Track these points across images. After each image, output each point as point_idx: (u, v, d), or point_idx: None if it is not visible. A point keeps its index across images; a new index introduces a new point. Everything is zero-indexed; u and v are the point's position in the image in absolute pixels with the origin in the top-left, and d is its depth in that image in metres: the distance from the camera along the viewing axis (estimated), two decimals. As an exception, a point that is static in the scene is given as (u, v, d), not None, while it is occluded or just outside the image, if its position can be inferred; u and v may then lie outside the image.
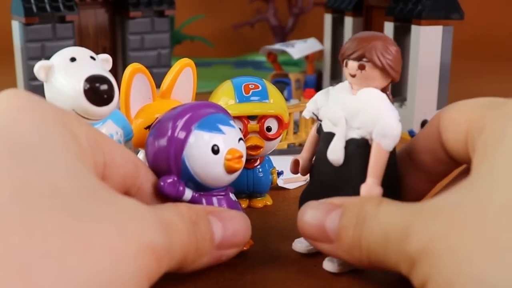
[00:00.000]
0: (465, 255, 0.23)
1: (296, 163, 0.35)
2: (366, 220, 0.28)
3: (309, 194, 0.34)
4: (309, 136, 0.35)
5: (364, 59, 0.31)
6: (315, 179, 0.34)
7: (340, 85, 0.33)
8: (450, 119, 0.31)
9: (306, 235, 0.31)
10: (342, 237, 0.29)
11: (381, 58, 0.31)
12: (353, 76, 0.32)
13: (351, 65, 0.32)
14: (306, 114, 0.35)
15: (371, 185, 0.30)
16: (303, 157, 0.35)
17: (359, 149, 0.31)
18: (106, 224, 0.22)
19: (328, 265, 0.33)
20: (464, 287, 0.22)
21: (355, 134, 0.31)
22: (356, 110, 0.31)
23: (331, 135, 0.32)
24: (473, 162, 0.27)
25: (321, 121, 0.34)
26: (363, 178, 0.31)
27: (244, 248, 0.34)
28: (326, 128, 0.33)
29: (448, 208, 0.25)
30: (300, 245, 0.35)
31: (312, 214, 0.30)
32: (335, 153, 0.32)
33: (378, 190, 0.30)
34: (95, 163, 0.27)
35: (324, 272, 0.33)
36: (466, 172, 0.29)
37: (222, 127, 0.32)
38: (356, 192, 0.31)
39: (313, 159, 0.35)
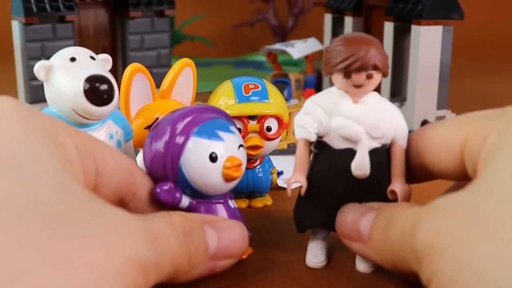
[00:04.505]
0: (467, 250, 0.23)
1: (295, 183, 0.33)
2: (392, 221, 0.28)
3: (315, 207, 0.33)
4: (302, 155, 0.32)
5: (370, 69, 0.30)
6: (320, 194, 0.33)
7: (332, 95, 0.32)
8: (437, 141, 0.31)
9: (341, 234, 0.32)
10: (373, 237, 0.30)
11: (384, 62, 0.31)
12: (360, 86, 0.31)
13: (358, 77, 0.30)
14: (309, 136, 0.32)
15: (403, 184, 0.32)
16: (302, 177, 0.32)
17: (382, 156, 0.32)
18: (89, 239, 0.21)
19: (362, 266, 0.33)
20: (467, 282, 0.22)
21: (377, 144, 0.31)
22: (375, 121, 0.31)
23: (346, 151, 0.31)
24: (477, 170, 0.27)
25: (321, 137, 0.32)
26: (389, 182, 0.32)
27: (243, 256, 0.34)
28: (337, 145, 0.31)
29: (451, 205, 0.25)
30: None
31: (350, 215, 0.31)
32: (363, 168, 0.31)
33: (409, 188, 0.32)
34: (85, 173, 0.26)
35: (324, 273, 0.33)
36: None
37: (221, 133, 0.31)
38: (382, 195, 0.32)
39: (312, 176, 0.33)
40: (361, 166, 0.31)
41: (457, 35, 0.66)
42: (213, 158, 0.30)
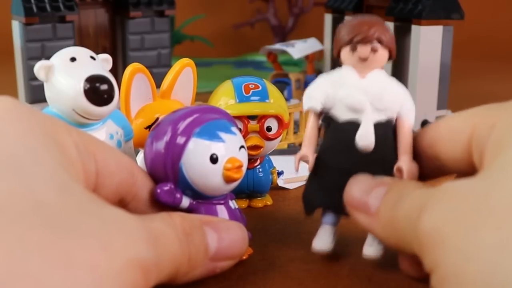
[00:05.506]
0: (474, 241, 0.22)
1: (304, 159, 0.33)
2: (401, 200, 0.28)
3: (323, 186, 0.33)
4: (310, 129, 0.34)
5: (375, 42, 0.32)
6: (327, 170, 0.33)
7: (340, 71, 0.33)
8: (447, 129, 0.31)
9: (348, 203, 0.31)
10: (381, 212, 0.29)
11: (390, 38, 0.32)
12: (365, 59, 0.32)
13: (364, 49, 0.32)
14: (316, 104, 0.33)
15: (410, 161, 0.32)
16: (310, 152, 0.33)
17: (387, 130, 0.32)
18: (89, 239, 0.21)
19: (369, 250, 0.32)
20: (474, 277, 0.21)
21: (382, 116, 0.32)
22: (379, 93, 0.32)
23: (351, 123, 0.32)
24: (484, 157, 0.27)
25: (327, 111, 0.33)
26: (395, 158, 0.32)
27: (244, 257, 0.34)
28: (343, 116, 0.32)
29: (461, 191, 0.24)
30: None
31: (359, 186, 0.31)
32: (368, 138, 0.31)
33: (416, 165, 0.32)
34: (86, 173, 0.26)
35: (323, 272, 0.33)
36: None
37: (222, 134, 0.31)
38: (387, 172, 0.32)
39: (321, 151, 0.33)
40: (365, 136, 0.31)
41: (457, 35, 0.66)
42: (213, 159, 0.30)
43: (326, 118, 0.33)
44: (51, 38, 0.65)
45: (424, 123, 0.63)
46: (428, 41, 0.62)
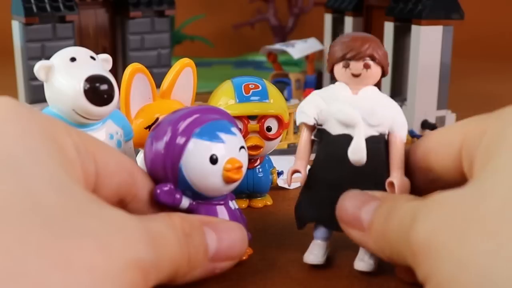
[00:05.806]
0: (467, 248, 0.22)
1: (297, 173, 0.34)
2: (393, 212, 0.28)
3: (315, 200, 0.33)
4: (303, 143, 0.34)
5: (368, 58, 0.32)
6: (319, 184, 0.33)
7: (333, 87, 0.33)
8: (439, 140, 0.31)
9: (341, 219, 0.31)
10: (373, 227, 0.29)
11: (383, 55, 0.32)
12: (357, 76, 0.32)
13: (356, 66, 0.32)
14: (308, 120, 0.33)
15: (402, 176, 0.32)
16: (303, 166, 0.34)
17: (379, 145, 0.32)
18: (88, 240, 0.21)
19: (360, 265, 0.33)
20: (468, 283, 0.21)
21: (374, 132, 0.32)
22: (371, 108, 0.32)
23: (343, 137, 0.32)
24: (474, 166, 0.27)
25: (320, 125, 0.33)
26: (387, 172, 0.32)
27: (243, 258, 0.34)
28: (335, 131, 0.32)
29: (452, 201, 0.25)
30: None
31: (351, 201, 0.31)
32: (359, 153, 0.32)
33: (408, 180, 0.32)
34: (85, 174, 0.26)
35: (323, 273, 0.33)
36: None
37: (222, 135, 0.31)
38: (379, 187, 0.32)
39: (313, 165, 0.34)
40: (357, 150, 0.32)
41: (457, 35, 0.66)
42: (213, 160, 0.30)
43: (318, 133, 0.33)
44: (51, 38, 0.65)
45: (424, 123, 0.63)
46: (428, 41, 0.62)
